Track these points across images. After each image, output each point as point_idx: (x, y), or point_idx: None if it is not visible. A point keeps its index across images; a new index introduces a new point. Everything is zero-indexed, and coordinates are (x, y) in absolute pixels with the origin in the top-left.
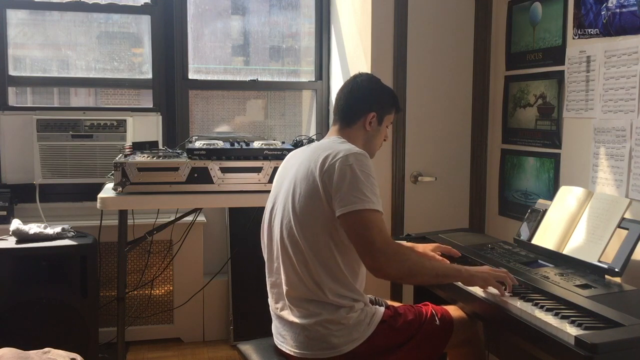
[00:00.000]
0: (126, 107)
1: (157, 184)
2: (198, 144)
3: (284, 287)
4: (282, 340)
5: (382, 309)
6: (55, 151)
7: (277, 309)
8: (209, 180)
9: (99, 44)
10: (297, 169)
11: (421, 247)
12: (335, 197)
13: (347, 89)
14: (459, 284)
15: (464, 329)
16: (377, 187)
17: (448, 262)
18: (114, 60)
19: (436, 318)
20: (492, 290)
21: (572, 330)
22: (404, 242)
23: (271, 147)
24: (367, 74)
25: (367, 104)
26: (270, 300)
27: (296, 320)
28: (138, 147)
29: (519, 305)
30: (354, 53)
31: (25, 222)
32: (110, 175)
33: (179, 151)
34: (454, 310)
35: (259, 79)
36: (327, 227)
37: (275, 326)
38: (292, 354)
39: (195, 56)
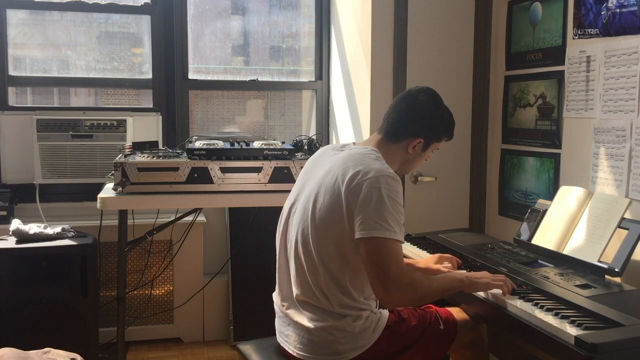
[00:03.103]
0: (126, 107)
1: (157, 184)
2: (198, 144)
3: (294, 290)
4: (285, 338)
5: (387, 313)
6: (55, 151)
7: (283, 306)
8: (209, 180)
9: (99, 44)
10: (325, 173)
11: (423, 263)
12: (357, 218)
13: (405, 103)
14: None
15: (468, 331)
16: (403, 214)
17: (454, 268)
18: (114, 60)
19: (440, 322)
20: (494, 290)
21: (572, 330)
22: (406, 246)
23: (271, 147)
24: (431, 91)
25: (417, 128)
26: (277, 296)
27: (301, 322)
28: (138, 147)
29: (519, 305)
30: (354, 53)
31: (25, 222)
32: (110, 175)
33: (179, 151)
34: (457, 313)
35: (259, 79)
36: (342, 244)
37: (279, 323)
38: (294, 354)
39: (195, 56)
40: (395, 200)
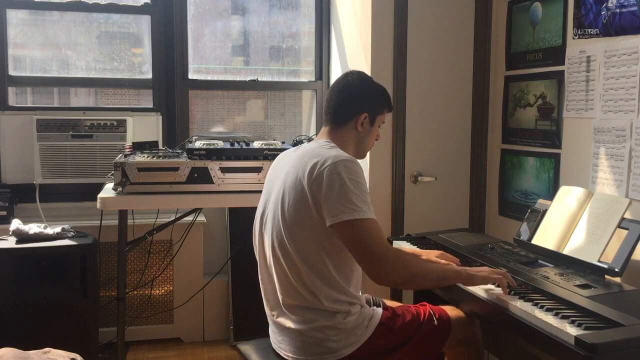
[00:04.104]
0: (126, 107)
1: (157, 184)
2: (198, 144)
3: (279, 296)
4: (279, 345)
5: (380, 310)
6: (55, 151)
7: (273, 315)
8: (209, 180)
9: (99, 44)
10: (285, 175)
11: (425, 255)
12: (324, 206)
13: (338, 88)
14: (460, 283)
15: (462, 328)
16: (367, 193)
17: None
18: (114, 60)
19: (434, 318)
20: (494, 289)
21: (572, 330)
22: (406, 245)
23: (271, 147)
24: (358, 72)
25: (358, 105)
26: (266, 307)
27: (292, 326)
28: (138, 147)
29: (519, 305)
30: (354, 53)
31: (25, 222)
32: (110, 175)
33: (179, 151)
34: (451, 310)
35: (259, 79)
36: (317, 236)
37: (272, 331)
38: (289, 359)
39: (195, 56)
40: (356, 181)
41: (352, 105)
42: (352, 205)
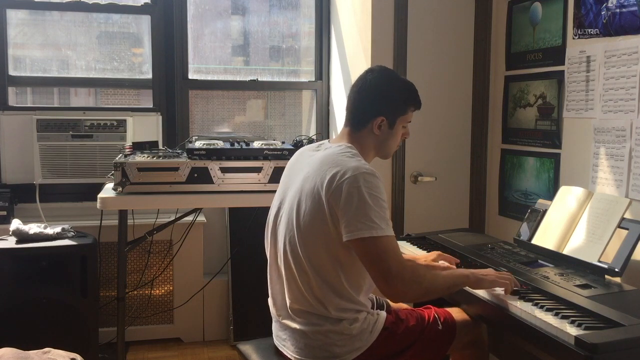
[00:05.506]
0: (126, 107)
1: (157, 184)
2: (198, 144)
3: (287, 300)
4: (282, 343)
5: (384, 314)
6: (55, 151)
7: (280, 316)
8: (209, 180)
9: (99, 44)
10: (303, 180)
11: (422, 260)
12: (341, 220)
13: (357, 88)
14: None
15: (467, 331)
16: (386, 208)
17: (454, 267)
18: (114, 60)
19: (439, 322)
20: (495, 289)
21: (572, 330)
22: (406, 245)
23: (271, 147)
24: (380, 69)
25: (374, 108)
26: (272, 306)
27: (297, 327)
28: (138, 147)
29: (519, 305)
30: (354, 53)
31: (25, 222)
32: (110, 175)
33: (179, 151)
34: (456, 313)
35: (259, 79)
36: (331, 247)
37: (275, 327)
38: (292, 358)
39: (195, 56)
40: (376, 197)
41: (368, 108)
42: (370, 222)
